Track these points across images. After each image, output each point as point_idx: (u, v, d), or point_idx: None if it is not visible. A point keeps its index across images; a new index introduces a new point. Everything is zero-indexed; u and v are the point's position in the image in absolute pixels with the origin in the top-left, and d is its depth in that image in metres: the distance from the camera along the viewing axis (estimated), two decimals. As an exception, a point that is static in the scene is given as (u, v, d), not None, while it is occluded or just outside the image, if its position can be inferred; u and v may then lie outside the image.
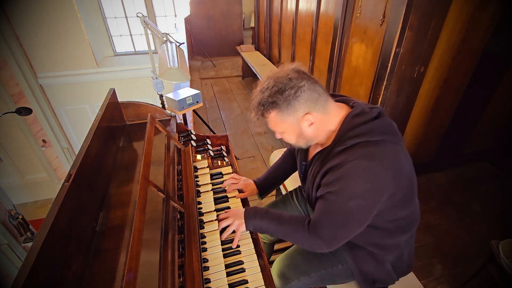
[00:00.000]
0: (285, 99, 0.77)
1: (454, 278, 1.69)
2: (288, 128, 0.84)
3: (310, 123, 0.81)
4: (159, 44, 1.87)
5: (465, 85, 2.01)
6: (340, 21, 2.20)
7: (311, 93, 0.79)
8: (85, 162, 0.92)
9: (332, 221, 0.81)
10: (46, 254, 0.65)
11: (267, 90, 0.79)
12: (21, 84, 4.71)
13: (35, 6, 4.45)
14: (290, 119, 0.81)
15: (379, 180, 0.74)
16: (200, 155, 1.44)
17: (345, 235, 0.83)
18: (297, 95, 0.77)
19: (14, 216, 2.32)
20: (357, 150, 0.75)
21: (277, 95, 0.78)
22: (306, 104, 0.79)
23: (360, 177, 0.74)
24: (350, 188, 0.75)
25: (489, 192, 2.27)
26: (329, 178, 0.79)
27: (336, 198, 0.78)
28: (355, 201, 0.76)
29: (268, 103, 0.79)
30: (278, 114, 0.80)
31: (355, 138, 0.77)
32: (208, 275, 0.87)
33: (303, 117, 0.80)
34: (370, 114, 0.80)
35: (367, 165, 0.73)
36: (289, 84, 0.77)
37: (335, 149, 0.80)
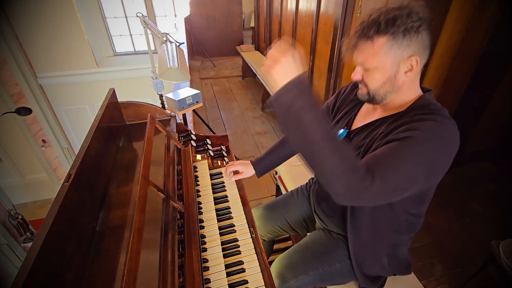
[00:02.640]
0: (406, 27, 0.67)
1: (454, 278, 1.69)
2: (385, 64, 0.72)
3: (409, 69, 0.72)
4: (159, 44, 1.87)
5: (465, 85, 2.01)
6: (340, 21, 2.20)
7: (427, 38, 0.70)
8: (85, 162, 0.92)
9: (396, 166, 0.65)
10: (46, 254, 0.65)
11: (391, 11, 0.68)
12: (21, 84, 4.71)
13: (35, 6, 4.45)
14: (396, 54, 0.70)
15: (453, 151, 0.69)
16: (200, 155, 1.44)
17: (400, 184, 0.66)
18: (419, 30, 0.68)
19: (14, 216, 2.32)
20: (435, 118, 0.68)
21: (404, 17, 0.67)
22: (420, 45, 0.70)
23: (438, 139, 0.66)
24: (428, 139, 0.66)
25: (489, 192, 2.27)
26: (401, 131, 0.69)
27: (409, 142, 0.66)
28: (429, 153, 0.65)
29: (390, 22, 0.67)
30: (388, 42, 0.69)
31: (432, 111, 0.71)
32: (208, 275, 0.87)
33: (409, 58, 0.71)
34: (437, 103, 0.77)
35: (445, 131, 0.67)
36: (417, 14, 0.68)
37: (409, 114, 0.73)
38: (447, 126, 0.68)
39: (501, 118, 2.30)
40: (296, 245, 1.11)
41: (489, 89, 2.08)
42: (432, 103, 0.75)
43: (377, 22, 0.69)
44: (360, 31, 0.72)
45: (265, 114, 3.86)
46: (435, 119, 0.68)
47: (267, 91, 3.47)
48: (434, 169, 0.69)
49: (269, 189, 2.49)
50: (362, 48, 0.73)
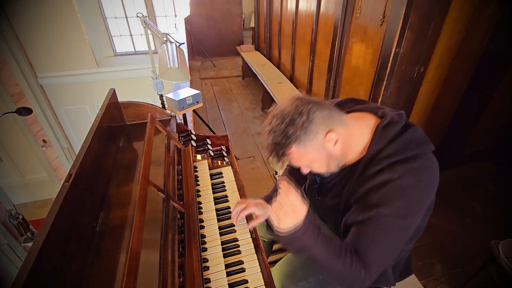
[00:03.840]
0: (300, 128, 0.70)
1: (454, 278, 1.69)
2: (314, 156, 0.76)
3: (335, 141, 0.74)
4: (159, 44, 1.87)
5: (465, 85, 2.01)
6: (340, 21, 2.20)
7: (322, 111, 0.72)
8: (85, 162, 0.92)
9: (381, 243, 0.72)
10: (46, 254, 0.65)
11: (278, 127, 0.72)
12: (21, 84, 4.71)
13: (35, 6, 4.45)
14: (314, 146, 0.73)
15: (430, 194, 0.72)
16: (200, 155, 1.44)
17: (392, 258, 0.77)
18: (310, 118, 0.71)
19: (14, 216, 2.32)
20: (401, 167, 0.70)
21: (290, 128, 0.71)
22: (324, 122, 0.72)
23: (412, 194, 0.69)
24: (406, 205, 0.69)
25: (489, 192, 2.27)
26: (372, 198, 0.71)
27: (385, 220, 0.70)
28: (410, 219, 0.71)
29: (284, 139, 0.72)
30: (299, 146, 0.73)
31: (393, 156, 0.71)
32: (208, 275, 0.87)
33: (326, 137, 0.73)
34: (399, 123, 0.75)
35: (418, 180, 0.69)
36: (297, 112, 0.71)
37: (372, 168, 0.73)
38: (419, 170, 0.70)
39: (501, 118, 2.30)
40: None
41: (489, 89, 2.08)
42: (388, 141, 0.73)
43: (277, 143, 0.73)
44: (272, 155, 0.77)
45: (265, 114, 3.86)
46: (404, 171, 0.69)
47: (267, 91, 3.47)
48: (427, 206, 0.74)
49: (269, 189, 2.49)
50: (288, 159, 0.78)
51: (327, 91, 2.67)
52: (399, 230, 0.71)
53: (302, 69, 3.33)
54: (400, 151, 0.71)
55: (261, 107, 3.94)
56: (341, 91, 2.47)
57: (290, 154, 0.75)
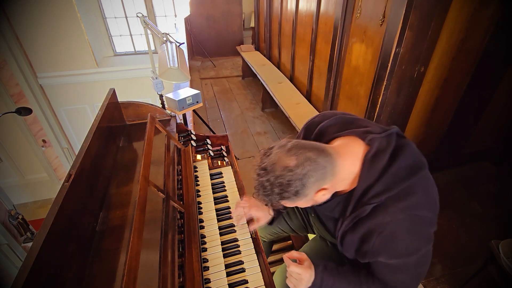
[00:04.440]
0: (293, 192, 0.69)
1: (454, 278, 1.69)
2: (302, 204, 0.78)
3: (324, 193, 0.74)
4: (159, 44, 1.87)
5: (465, 85, 2.01)
6: (340, 21, 2.20)
7: (316, 173, 0.69)
8: (85, 162, 0.92)
9: (404, 279, 0.78)
10: (46, 254, 0.65)
11: (270, 189, 0.70)
12: (21, 84, 4.71)
13: (35, 6, 4.45)
14: (304, 200, 0.74)
15: (425, 228, 0.72)
16: (200, 155, 1.44)
17: (420, 280, 0.81)
18: (304, 183, 0.68)
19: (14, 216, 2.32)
20: (391, 207, 0.69)
21: (283, 192, 0.69)
22: (316, 184, 0.71)
23: (406, 236, 0.70)
24: (401, 249, 0.71)
25: (489, 192, 2.27)
26: (373, 246, 0.73)
27: (392, 261, 0.74)
28: (413, 257, 0.72)
29: (276, 199, 0.71)
30: (288, 201, 0.73)
31: (383, 194, 0.70)
32: (208, 275, 0.87)
33: (316, 194, 0.73)
34: (387, 151, 0.72)
35: (409, 219, 0.69)
36: (292, 177, 0.68)
37: (363, 207, 0.73)
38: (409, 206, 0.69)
39: (501, 118, 2.30)
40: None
41: (489, 89, 2.08)
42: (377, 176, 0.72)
43: (269, 200, 0.72)
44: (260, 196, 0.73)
45: (265, 114, 3.86)
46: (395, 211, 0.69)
47: (267, 91, 3.47)
48: (432, 232, 0.73)
49: (269, 189, 2.49)
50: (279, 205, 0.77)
51: (327, 91, 2.67)
52: (413, 264, 0.74)
53: (302, 69, 3.33)
54: (389, 187, 0.70)
55: (261, 107, 3.94)
56: (341, 91, 2.47)
57: (283, 202, 0.74)
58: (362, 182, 0.74)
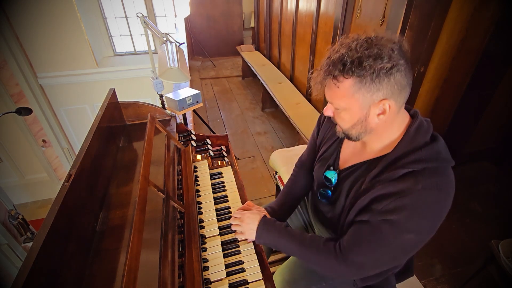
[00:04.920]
0: (375, 71, 0.61)
1: (454, 278, 1.69)
2: (354, 107, 0.67)
3: (380, 112, 0.67)
4: (159, 44, 1.87)
5: (465, 85, 2.01)
6: (340, 21, 2.20)
7: (402, 79, 0.63)
8: (85, 162, 0.92)
9: (373, 251, 0.71)
10: (46, 254, 0.65)
11: (361, 48, 0.62)
12: (21, 84, 4.71)
13: (35, 6, 4.45)
14: (365, 97, 0.65)
15: (443, 214, 0.67)
16: (200, 155, 1.44)
17: (382, 267, 0.75)
18: (391, 72, 0.61)
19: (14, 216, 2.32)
20: (427, 177, 0.64)
21: (371, 60, 0.61)
22: (393, 88, 0.63)
23: (428, 211, 0.65)
24: (414, 222, 0.65)
25: (489, 192, 2.27)
26: (388, 205, 0.67)
27: (391, 229, 0.67)
28: (412, 235, 0.67)
29: (356, 63, 0.61)
30: (356, 84, 0.63)
31: (422, 163, 0.65)
32: (208, 275, 0.87)
33: (380, 102, 0.65)
34: (428, 130, 0.71)
35: (437, 198, 0.65)
36: (389, 55, 0.61)
37: (396, 170, 0.68)
38: (442, 185, 0.65)
39: (501, 118, 2.30)
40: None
41: (489, 89, 2.08)
42: (419, 146, 0.68)
43: (342, 60, 0.63)
44: (326, 67, 0.67)
45: (265, 114, 3.86)
46: (429, 183, 0.64)
47: (267, 91, 3.47)
48: (438, 225, 0.68)
49: (269, 189, 2.49)
50: (328, 86, 0.69)
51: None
52: (398, 242, 0.69)
53: (302, 69, 3.33)
54: (429, 159, 0.66)
55: (261, 107, 3.95)
56: (341, 91, 2.48)
57: (341, 84, 0.65)
58: (401, 148, 0.69)
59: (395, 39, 0.64)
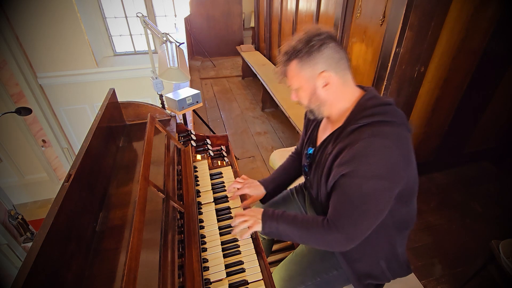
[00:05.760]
0: (308, 49, 0.78)
1: (454, 278, 1.69)
2: (303, 83, 0.83)
3: (325, 83, 0.81)
4: (159, 44, 1.87)
5: (465, 85, 2.01)
6: (340, 21, 2.20)
7: (334, 53, 0.79)
8: (85, 162, 0.92)
9: (350, 209, 0.77)
10: (46, 254, 0.65)
11: (294, 40, 0.81)
12: (21, 84, 4.70)
13: (35, 6, 4.45)
14: (308, 72, 0.81)
15: (394, 159, 0.72)
16: (200, 155, 1.44)
17: (367, 224, 0.78)
18: (321, 48, 0.78)
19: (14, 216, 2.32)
20: (371, 128, 0.74)
21: (302, 45, 0.79)
22: (327, 61, 0.79)
23: (375, 154, 0.71)
24: (366, 166, 0.72)
25: (489, 192, 2.27)
26: (342, 159, 0.76)
27: (352, 180, 0.74)
28: (374, 181, 0.72)
29: (292, 50, 0.80)
30: (298, 64, 0.81)
31: (369, 117, 0.76)
32: (208, 275, 0.87)
33: (320, 74, 0.80)
34: (384, 100, 0.81)
35: (382, 143, 0.71)
36: (317, 37, 0.78)
37: (347, 128, 0.79)
38: (388, 133, 0.73)
39: (501, 118, 2.30)
40: (293, 255, 1.11)
41: (489, 89, 2.08)
42: (367, 107, 0.79)
43: (287, 52, 0.82)
44: (279, 61, 0.86)
45: (265, 114, 3.86)
46: (372, 134, 0.73)
47: (267, 91, 3.47)
48: (397, 173, 0.74)
49: (269, 189, 2.49)
50: (285, 73, 0.87)
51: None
52: (365, 192, 0.74)
53: (302, 69, 3.33)
54: (378, 113, 0.76)
55: (261, 107, 3.94)
56: (341, 91, 2.48)
57: (289, 68, 0.84)
58: (354, 113, 0.81)
59: (324, 29, 0.81)
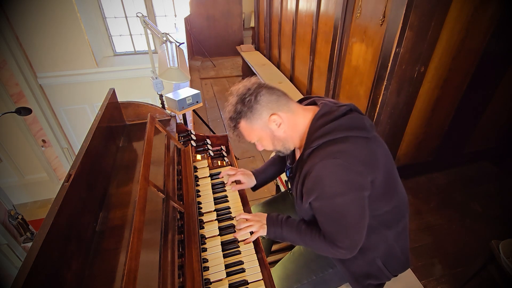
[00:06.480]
0: (248, 106, 0.83)
1: (454, 278, 1.69)
2: (260, 134, 0.87)
3: (278, 124, 0.85)
4: (159, 44, 1.87)
5: (465, 85, 2.01)
6: (340, 21, 2.20)
7: (270, 96, 0.84)
8: (85, 162, 0.92)
9: (335, 226, 0.82)
10: (46, 254, 0.65)
11: (231, 105, 0.86)
12: (21, 84, 4.71)
13: (35, 6, 4.45)
14: (259, 124, 0.85)
15: (349, 173, 0.75)
16: (200, 155, 1.44)
17: (357, 232, 0.82)
18: (257, 99, 0.83)
19: (14, 216, 2.32)
20: (322, 151, 0.77)
21: (240, 105, 0.84)
22: (268, 105, 0.83)
23: (330, 176, 0.75)
24: (326, 189, 0.77)
25: (489, 192, 2.27)
26: (306, 187, 0.81)
27: (321, 203, 0.80)
28: (340, 198, 0.76)
29: (235, 115, 0.85)
30: (246, 122, 0.85)
31: (319, 139, 0.78)
32: (208, 275, 0.87)
33: (270, 119, 0.84)
34: (336, 113, 0.82)
35: (332, 163, 0.75)
36: (248, 93, 0.83)
37: (305, 153, 0.82)
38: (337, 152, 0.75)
39: (501, 118, 2.30)
40: (291, 254, 1.12)
41: (489, 89, 2.08)
42: (316, 128, 0.81)
43: (230, 118, 0.87)
44: (229, 128, 0.90)
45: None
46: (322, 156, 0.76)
47: (267, 91, 3.47)
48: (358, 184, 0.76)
49: (269, 189, 2.49)
50: (240, 134, 0.90)
51: (327, 91, 2.67)
52: (338, 209, 0.78)
53: (302, 69, 3.33)
54: (327, 133, 0.78)
55: (261, 107, 3.94)
56: (341, 91, 2.47)
57: (240, 129, 0.88)
58: (308, 136, 0.83)
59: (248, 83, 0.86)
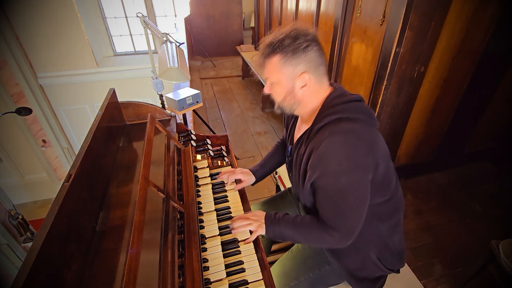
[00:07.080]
0: (294, 47, 0.78)
1: (454, 278, 1.69)
2: (282, 80, 0.84)
3: (303, 85, 0.83)
4: (159, 44, 1.87)
5: (465, 85, 2.01)
6: (340, 21, 2.20)
7: (317, 57, 0.81)
8: (85, 162, 0.92)
9: (335, 207, 0.80)
10: (46, 254, 0.65)
11: (283, 34, 0.80)
12: (21, 84, 4.70)
13: (35, 6, 4.44)
14: (289, 70, 0.81)
15: (357, 152, 0.74)
16: (200, 155, 1.44)
17: (356, 216, 0.81)
18: (306, 50, 0.79)
19: (14, 216, 2.32)
20: (331, 127, 0.77)
21: (289, 41, 0.79)
22: (310, 63, 0.80)
23: (338, 152, 0.74)
24: (333, 165, 0.75)
25: (489, 192, 2.27)
26: (312, 162, 0.80)
27: (325, 181, 0.78)
28: (344, 177, 0.75)
29: (278, 44, 0.80)
30: (281, 59, 0.81)
31: (330, 116, 0.79)
32: (208, 275, 0.87)
33: (301, 75, 0.81)
34: (349, 97, 0.83)
35: (342, 139, 0.74)
36: (305, 37, 0.79)
37: (314, 128, 0.82)
38: (346, 129, 0.75)
39: (501, 118, 2.30)
40: (289, 252, 1.13)
41: (489, 89, 2.08)
42: (330, 106, 0.82)
43: (272, 43, 0.82)
44: (261, 52, 0.85)
45: (265, 114, 3.86)
46: (332, 132, 0.76)
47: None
48: (364, 164, 0.76)
49: (269, 189, 2.49)
50: (264, 65, 0.86)
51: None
52: (341, 189, 0.77)
53: (302, 69, 3.33)
54: (339, 111, 0.79)
55: (261, 107, 3.94)
56: (341, 91, 2.47)
57: (270, 61, 0.83)
58: (321, 112, 0.83)
59: (311, 30, 0.82)
